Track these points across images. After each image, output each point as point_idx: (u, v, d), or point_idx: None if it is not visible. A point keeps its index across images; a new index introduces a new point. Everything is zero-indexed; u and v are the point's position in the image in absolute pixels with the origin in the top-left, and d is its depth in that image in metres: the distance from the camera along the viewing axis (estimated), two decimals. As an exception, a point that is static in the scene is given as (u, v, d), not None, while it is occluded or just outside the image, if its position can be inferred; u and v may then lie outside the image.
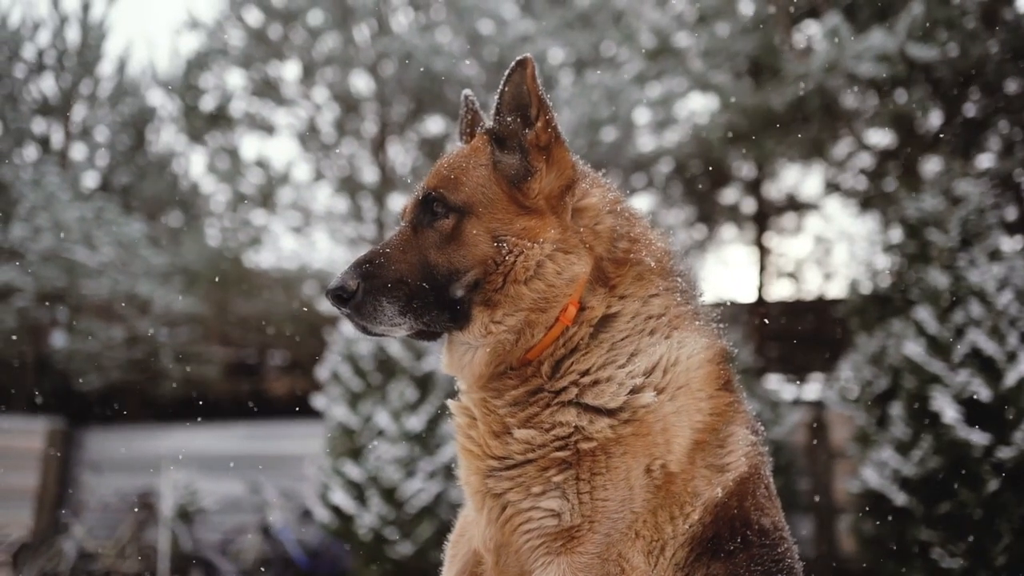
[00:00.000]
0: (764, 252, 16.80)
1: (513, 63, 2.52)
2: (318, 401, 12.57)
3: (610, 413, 2.34)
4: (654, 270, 2.55)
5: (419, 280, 2.43)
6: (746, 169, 16.36)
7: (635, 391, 2.36)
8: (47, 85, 18.17)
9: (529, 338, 2.43)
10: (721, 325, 2.67)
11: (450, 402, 2.68)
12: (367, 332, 2.48)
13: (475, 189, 2.49)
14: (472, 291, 2.43)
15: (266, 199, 17.78)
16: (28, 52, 17.87)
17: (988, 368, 8.73)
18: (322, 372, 12.61)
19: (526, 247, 2.43)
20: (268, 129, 18.32)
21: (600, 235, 2.52)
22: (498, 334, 2.43)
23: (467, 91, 2.86)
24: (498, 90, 2.56)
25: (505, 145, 2.55)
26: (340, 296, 2.41)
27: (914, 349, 9.17)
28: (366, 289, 2.41)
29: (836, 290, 16.31)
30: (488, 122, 2.60)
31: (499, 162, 2.54)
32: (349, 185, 18.14)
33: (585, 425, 2.33)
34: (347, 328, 12.46)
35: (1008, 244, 9.61)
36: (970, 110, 12.80)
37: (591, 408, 2.35)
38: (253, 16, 17.58)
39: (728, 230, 17.93)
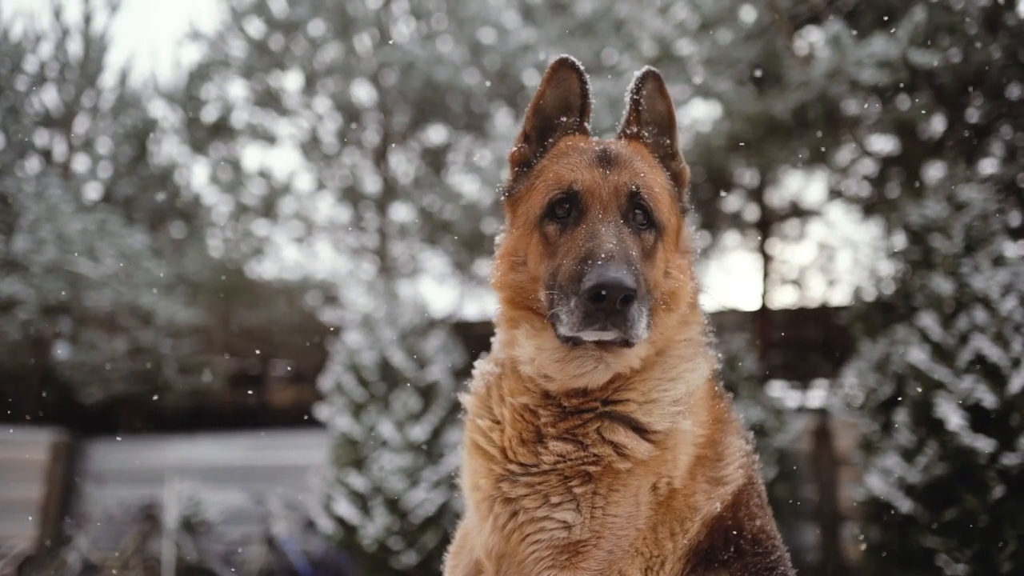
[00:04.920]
0: (767, 259, 16.77)
1: (641, 73, 2.47)
2: (321, 411, 12.56)
3: (653, 436, 2.30)
4: (700, 292, 2.57)
5: (646, 291, 2.24)
6: (749, 176, 16.34)
7: (676, 417, 2.34)
8: (49, 97, 18.19)
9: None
10: (712, 342, 2.65)
11: (466, 397, 2.60)
12: (593, 336, 2.17)
13: (666, 215, 2.40)
14: None
15: (268, 209, 17.79)
16: (30, 64, 17.88)
17: (993, 374, 8.70)
18: (325, 382, 12.60)
19: (685, 284, 2.39)
20: (270, 139, 18.33)
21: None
22: (634, 359, 2.34)
23: (570, 57, 2.56)
24: (631, 96, 2.52)
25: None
26: (629, 297, 2.07)
27: (918, 356, 9.14)
28: (639, 295, 2.13)
29: (840, 297, 16.25)
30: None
31: (674, 192, 2.50)
32: (351, 195, 18.14)
33: (632, 446, 2.28)
34: (350, 337, 12.45)
35: (1012, 250, 9.56)
36: (973, 116, 12.76)
37: (639, 427, 2.31)
38: (254, 27, 17.61)
39: (731, 237, 17.87)
